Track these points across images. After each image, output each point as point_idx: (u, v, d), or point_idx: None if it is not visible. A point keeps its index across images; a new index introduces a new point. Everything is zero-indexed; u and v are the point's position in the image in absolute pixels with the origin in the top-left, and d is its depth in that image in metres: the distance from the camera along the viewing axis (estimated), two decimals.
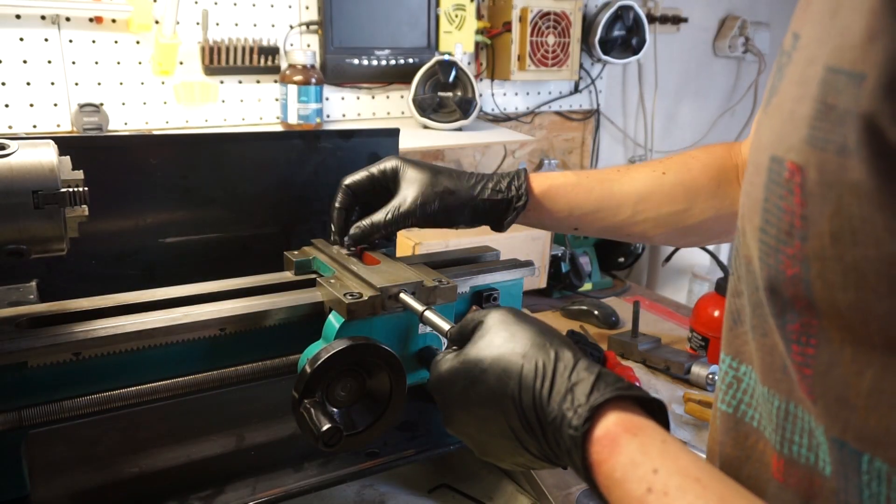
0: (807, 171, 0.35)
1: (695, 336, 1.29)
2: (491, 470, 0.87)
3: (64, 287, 0.82)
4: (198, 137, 1.11)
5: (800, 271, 0.37)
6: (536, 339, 0.51)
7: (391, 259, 0.77)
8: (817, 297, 0.36)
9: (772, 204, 0.38)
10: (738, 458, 0.46)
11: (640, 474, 0.40)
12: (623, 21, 1.93)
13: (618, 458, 0.42)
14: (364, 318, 0.67)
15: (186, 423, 0.78)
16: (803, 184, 0.35)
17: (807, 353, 0.38)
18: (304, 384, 0.61)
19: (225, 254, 0.92)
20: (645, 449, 0.42)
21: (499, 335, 0.52)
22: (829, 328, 0.36)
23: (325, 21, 1.58)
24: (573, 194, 0.79)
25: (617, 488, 0.42)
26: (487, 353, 0.51)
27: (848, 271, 0.34)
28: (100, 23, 1.40)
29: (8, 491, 0.64)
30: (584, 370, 0.47)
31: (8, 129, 1.37)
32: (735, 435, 0.47)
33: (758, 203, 0.39)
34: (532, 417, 0.48)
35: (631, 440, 0.42)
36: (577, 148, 2.14)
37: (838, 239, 0.34)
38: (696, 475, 0.39)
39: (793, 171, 0.36)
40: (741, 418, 0.46)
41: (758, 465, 0.44)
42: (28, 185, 0.55)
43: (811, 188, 0.35)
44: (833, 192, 0.34)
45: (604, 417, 0.44)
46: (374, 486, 0.83)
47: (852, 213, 0.33)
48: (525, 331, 0.52)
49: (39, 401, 0.61)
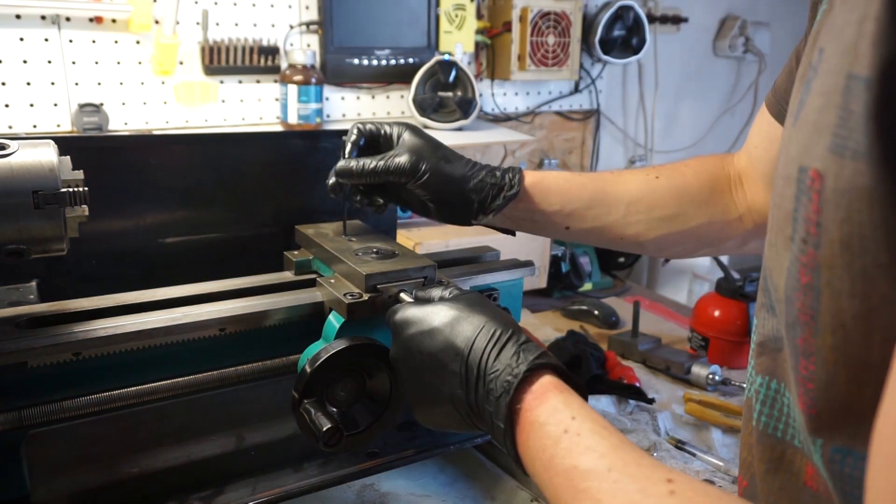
0: (826, 178, 0.36)
1: (695, 336, 1.29)
2: (492, 467, 0.87)
3: (64, 287, 0.82)
4: (198, 137, 1.11)
5: (812, 279, 0.37)
6: (496, 316, 0.56)
7: (388, 244, 0.77)
8: (824, 306, 0.37)
9: (800, 214, 0.39)
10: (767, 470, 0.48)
11: (560, 419, 0.47)
12: (623, 21, 1.93)
13: (544, 405, 0.49)
14: (364, 318, 0.67)
15: (186, 423, 0.78)
16: (821, 191, 0.36)
17: (809, 368, 0.39)
18: (304, 384, 0.61)
19: (225, 254, 0.92)
20: (568, 402, 0.49)
21: (462, 305, 0.57)
22: (823, 347, 0.37)
23: (325, 21, 1.58)
24: (565, 189, 0.78)
25: (537, 431, 0.48)
26: (448, 313, 0.57)
27: (856, 279, 0.35)
28: (100, 23, 1.40)
29: (8, 491, 0.64)
30: (533, 346, 0.53)
31: (8, 129, 1.37)
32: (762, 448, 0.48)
33: (789, 214, 0.40)
34: (472, 372, 0.53)
35: (558, 395, 0.49)
36: (577, 148, 2.14)
37: (847, 247, 0.35)
38: (605, 425, 0.47)
39: (814, 178, 0.37)
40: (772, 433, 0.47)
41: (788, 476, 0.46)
42: (28, 185, 0.55)
43: (827, 195, 0.36)
44: (845, 198, 0.35)
45: (539, 377, 0.51)
46: (375, 486, 0.83)
47: (862, 220, 0.34)
48: (488, 309, 0.57)
49: (39, 401, 0.61)
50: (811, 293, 0.37)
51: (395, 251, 0.75)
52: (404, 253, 0.75)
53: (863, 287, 0.34)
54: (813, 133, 0.37)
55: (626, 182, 0.79)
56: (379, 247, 0.76)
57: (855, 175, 0.34)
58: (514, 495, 0.83)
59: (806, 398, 0.39)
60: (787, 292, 0.40)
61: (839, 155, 0.35)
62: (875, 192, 0.33)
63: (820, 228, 0.36)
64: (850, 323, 0.35)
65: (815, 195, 0.37)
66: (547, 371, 0.51)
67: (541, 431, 0.48)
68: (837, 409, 0.37)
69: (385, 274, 0.69)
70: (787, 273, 0.40)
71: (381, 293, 0.68)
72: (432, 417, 0.58)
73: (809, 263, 0.37)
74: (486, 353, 0.53)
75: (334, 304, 0.69)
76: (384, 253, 0.75)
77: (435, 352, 0.55)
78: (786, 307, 0.41)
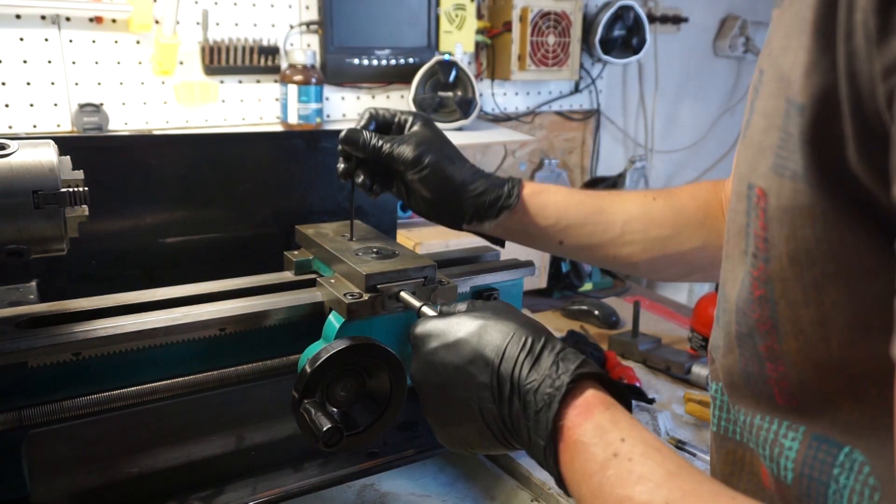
0: (769, 196, 0.38)
1: (695, 336, 1.29)
2: (492, 467, 0.87)
3: (64, 287, 0.82)
4: (198, 137, 1.11)
5: (765, 292, 0.39)
6: (527, 323, 0.52)
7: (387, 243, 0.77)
8: (782, 315, 0.38)
9: (751, 229, 0.40)
10: (731, 473, 0.48)
11: (609, 440, 0.43)
12: (623, 21, 1.93)
13: (589, 424, 0.45)
14: (364, 318, 0.67)
15: (186, 423, 0.78)
16: (766, 208, 0.38)
17: (779, 370, 0.40)
18: (304, 384, 0.61)
19: (225, 254, 0.92)
20: (615, 420, 0.45)
21: (489, 313, 0.54)
22: (789, 352, 0.39)
23: (326, 21, 1.58)
24: (563, 203, 0.78)
25: (582, 452, 0.44)
26: (474, 322, 0.53)
27: (808, 289, 0.37)
28: (100, 23, 1.40)
29: (8, 491, 0.64)
30: (571, 353, 0.49)
31: (8, 129, 1.37)
32: (725, 451, 0.49)
33: (742, 229, 0.42)
34: (505, 383, 0.49)
35: (604, 411, 0.45)
36: (577, 148, 2.14)
37: (795, 261, 0.37)
38: (658, 447, 0.43)
39: (759, 196, 0.39)
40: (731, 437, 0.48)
41: (750, 477, 0.47)
42: (28, 185, 0.55)
43: (771, 213, 0.38)
44: (787, 216, 0.37)
45: (582, 390, 0.47)
46: (375, 486, 0.83)
47: (806, 235, 0.36)
48: (517, 317, 0.53)
49: (39, 401, 0.61)
50: (767, 305, 0.39)
51: (395, 251, 0.75)
52: (404, 253, 0.75)
53: (815, 296, 0.36)
54: (758, 152, 0.39)
55: (625, 201, 0.79)
56: (379, 247, 0.76)
57: (795, 194, 0.36)
58: (514, 495, 0.83)
59: (783, 395, 0.41)
60: (739, 303, 0.42)
61: (780, 175, 0.37)
62: (815, 210, 0.35)
63: (767, 244, 0.38)
64: (809, 329, 0.37)
65: (760, 212, 0.38)
66: (590, 382, 0.48)
67: (586, 453, 0.44)
68: (815, 399, 0.39)
69: (385, 274, 0.69)
70: (741, 284, 0.42)
71: (381, 293, 0.68)
72: (461, 437, 0.54)
73: (761, 277, 0.39)
74: (518, 362, 0.49)
75: (334, 304, 0.69)
76: (384, 253, 0.75)
77: (462, 364, 0.51)
78: (736, 317, 0.42)
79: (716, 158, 2.42)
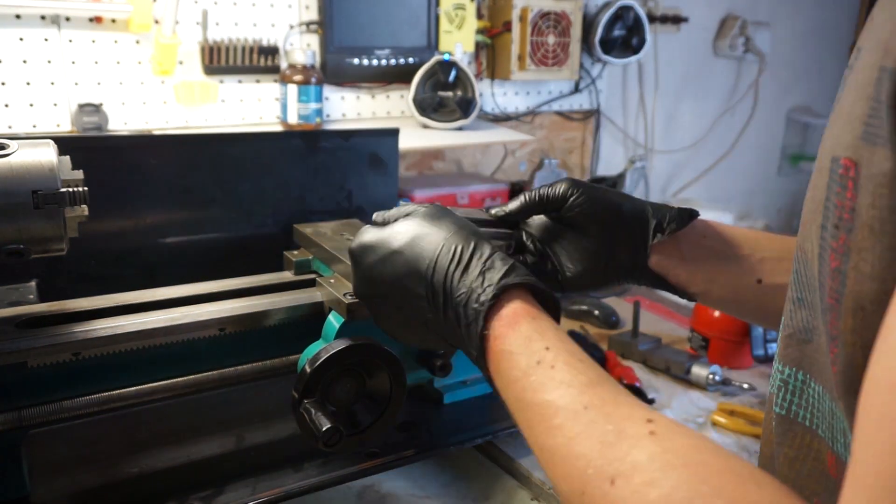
0: (859, 165, 0.37)
1: (695, 336, 1.29)
2: (491, 466, 0.87)
3: (64, 287, 0.82)
4: (198, 137, 1.11)
5: (840, 264, 0.38)
6: (458, 230, 0.53)
7: None
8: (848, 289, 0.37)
9: (831, 202, 0.40)
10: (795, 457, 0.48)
11: (534, 349, 0.45)
12: (623, 21, 1.93)
13: (515, 334, 0.47)
14: (364, 318, 0.67)
15: (186, 423, 0.78)
16: (856, 178, 0.37)
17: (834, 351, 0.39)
18: (304, 384, 0.61)
19: (225, 254, 0.92)
20: (541, 330, 0.46)
21: (422, 221, 0.55)
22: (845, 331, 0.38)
23: (325, 21, 1.58)
24: (751, 235, 0.66)
25: (507, 360, 0.46)
26: (407, 232, 0.55)
27: (876, 262, 0.36)
28: (100, 23, 1.40)
29: (8, 491, 0.63)
30: (499, 260, 0.50)
31: (8, 129, 1.37)
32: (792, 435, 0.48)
33: (820, 203, 0.41)
34: (439, 295, 0.51)
35: (530, 322, 0.47)
36: (577, 148, 2.14)
37: (873, 229, 0.36)
38: (581, 357, 0.44)
39: (847, 166, 0.38)
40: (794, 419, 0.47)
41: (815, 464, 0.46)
42: (28, 185, 0.55)
43: (862, 182, 0.37)
44: (872, 182, 0.36)
45: (509, 301, 0.48)
46: (375, 486, 0.83)
47: (882, 204, 0.35)
48: (448, 222, 0.54)
49: (39, 401, 0.61)
50: (839, 277, 0.38)
51: None
52: None
53: (881, 270, 0.35)
54: (846, 124, 0.39)
55: None
56: None
57: (882, 161, 0.35)
58: (513, 495, 0.83)
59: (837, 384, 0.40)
60: (821, 279, 0.41)
61: (871, 143, 0.36)
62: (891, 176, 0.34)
63: (854, 213, 0.37)
64: (870, 307, 0.36)
65: (850, 182, 0.38)
66: (519, 290, 0.49)
67: (511, 361, 0.46)
68: None
69: None
70: (819, 259, 0.41)
71: None
72: (415, 339, 0.58)
73: (840, 248, 0.38)
74: (449, 274, 0.51)
75: (334, 304, 0.69)
76: None
77: (399, 277, 0.54)
78: (819, 294, 0.42)
79: (716, 158, 2.42)
